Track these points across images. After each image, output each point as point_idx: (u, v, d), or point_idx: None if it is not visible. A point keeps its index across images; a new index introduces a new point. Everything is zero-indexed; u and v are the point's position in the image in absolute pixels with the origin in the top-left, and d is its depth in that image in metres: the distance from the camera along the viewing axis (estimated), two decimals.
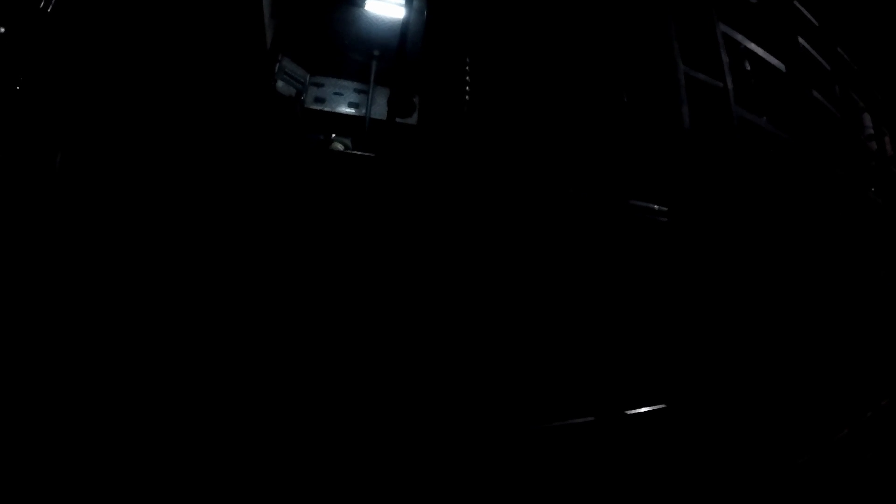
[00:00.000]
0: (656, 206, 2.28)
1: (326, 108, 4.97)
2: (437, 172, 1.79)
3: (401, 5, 4.68)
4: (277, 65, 5.17)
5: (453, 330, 1.60)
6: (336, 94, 4.99)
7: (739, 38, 3.32)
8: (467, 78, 2.06)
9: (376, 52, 4.98)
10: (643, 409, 2.10)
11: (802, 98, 3.98)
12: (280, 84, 5.35)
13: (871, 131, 5.45)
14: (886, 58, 7.27)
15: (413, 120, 2.36)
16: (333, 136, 4.91)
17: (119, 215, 1.10)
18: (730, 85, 2.85)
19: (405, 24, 2.25)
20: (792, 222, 3.35)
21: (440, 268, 1.63)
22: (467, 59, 2.13)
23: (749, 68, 3.85)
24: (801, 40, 4.27)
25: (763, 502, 2.43)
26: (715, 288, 2.44)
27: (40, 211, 0.98)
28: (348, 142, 4.76)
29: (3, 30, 1.07)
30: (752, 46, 3.48)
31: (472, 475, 1.51)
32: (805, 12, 4.56)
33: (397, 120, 4.47)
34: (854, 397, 3.86)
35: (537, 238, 1.93)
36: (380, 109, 4.93)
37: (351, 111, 4.97)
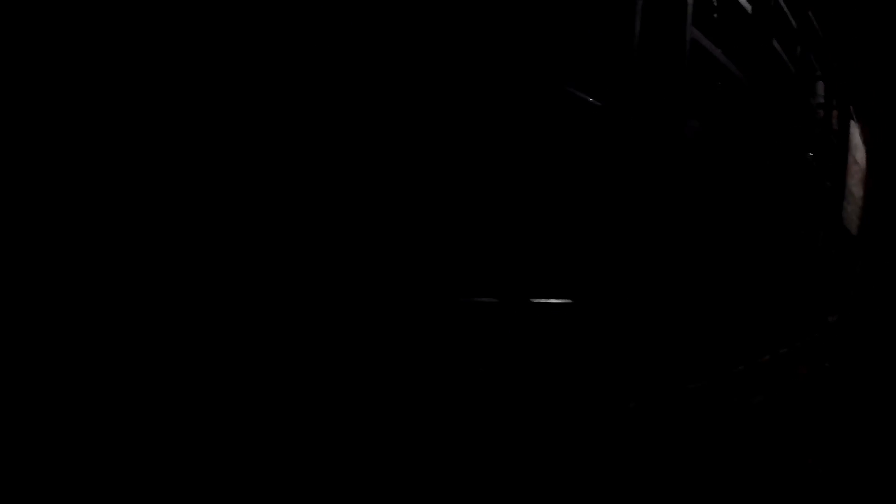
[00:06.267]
0: (591, 99, 2.22)
1: None
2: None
3: None
4: None
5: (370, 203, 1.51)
6: None
7: None
8: None
9: None
10: (549, 301, 2.11)
11: (762, 45, 3.96)
12: None
13: (822, 100, 5.56)
14: (854, 36, 7.35)
15: None
16: None
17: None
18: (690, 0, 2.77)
19: None
20: (731, 153, 3.39)
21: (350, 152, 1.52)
22: None
23: (715, 3, 3.78)
24: None
25: (647, 421, 2.55)
26: (637, 196, 2.45)
27: None
28: None
29: None
30: None
31: (382, 345, 1.47)
32: None
33: None
34: (757, 338, 4.09)
35: (448, 110, 1.83)
36: None
37: None
